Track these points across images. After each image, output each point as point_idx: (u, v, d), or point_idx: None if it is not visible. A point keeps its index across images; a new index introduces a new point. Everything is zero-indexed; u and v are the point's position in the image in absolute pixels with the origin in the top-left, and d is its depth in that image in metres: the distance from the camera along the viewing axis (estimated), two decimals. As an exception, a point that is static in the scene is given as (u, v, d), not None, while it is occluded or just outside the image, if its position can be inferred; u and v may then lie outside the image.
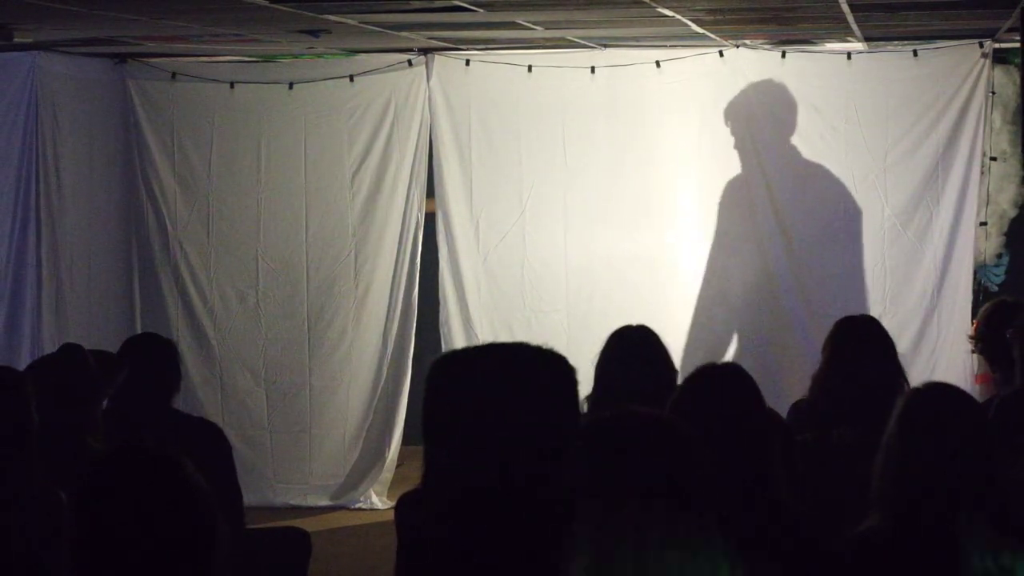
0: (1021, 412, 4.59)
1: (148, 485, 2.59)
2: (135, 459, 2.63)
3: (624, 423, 2.72)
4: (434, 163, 8.57)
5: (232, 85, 8.76)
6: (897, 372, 5.19)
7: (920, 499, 3.25)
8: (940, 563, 3.22)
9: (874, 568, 3.28)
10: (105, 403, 5.40)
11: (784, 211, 8.21)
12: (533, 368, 2.98)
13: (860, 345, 5.23)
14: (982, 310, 6.17)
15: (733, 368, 3.69)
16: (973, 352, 6.28)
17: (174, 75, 8.75)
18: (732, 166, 8.26)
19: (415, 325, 8.72)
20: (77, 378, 5.09)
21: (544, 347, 2.97)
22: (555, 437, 2.94)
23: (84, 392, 5.09)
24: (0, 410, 4.24)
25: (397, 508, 3.80)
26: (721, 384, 3.59)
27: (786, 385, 7.90)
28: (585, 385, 5.32)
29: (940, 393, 3.44)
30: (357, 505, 8.75)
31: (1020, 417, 4.54)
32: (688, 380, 3.64)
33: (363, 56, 8.59)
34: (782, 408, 5.16)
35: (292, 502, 8.71)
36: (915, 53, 8.08)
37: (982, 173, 8.06)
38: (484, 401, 2.86)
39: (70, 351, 5.31)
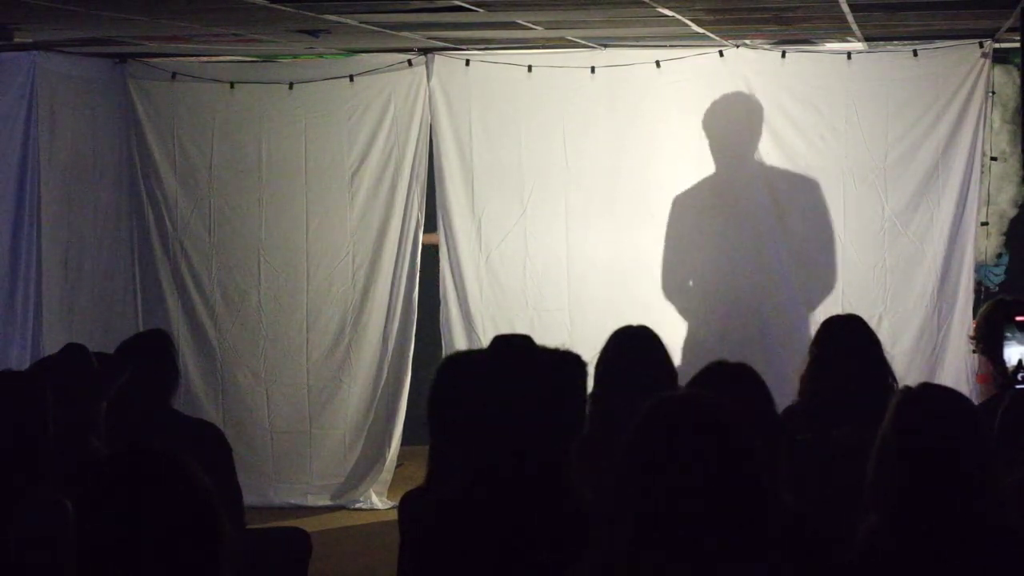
0: None
1: (153, 486, 2.59)
2: (139, 461, 2.63)
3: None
4: (434, 163, 8.58)
5: (232, 85, 8.76)
6: (884, 370, 5.20)
7: (916, 500, 3.25)
8: (939, 564, 3.22)
9: (875, 570, 3.28)
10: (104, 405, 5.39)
11: (785, 211, 8.21)
12: (546, 368, 2.99)
13: (844, 344, 5.24)
14: (981, 309, 6.17)
15: (742, 367, 3.69)
16: (973, 352, 6.27)
17: (174, 75, 8.75)
18: (732, 165, 8.26)
19: (415, 325, 8.73)
20: (81, 378, 5.08)
21: (562, 348, 2.99)
22: (565, 433, 2.95)
23: (87, 392, 5.08)
24: (16, 419, 4.23)
25: (401, 506, 3.80)
26: (731, 382, 3.58)
27: (789, 386, 7.90)
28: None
29: (933, 393, 3.43)
30: (357, 505, 8.75)
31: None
32: (697, 377, 3.63)
33: (363, 56, 8.59)
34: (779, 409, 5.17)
35: (292, 502, 8.71)
36: (915, 53, 8.08)
37: (982, 173, 8.06)
38: (497, 398, 2.86)
39: (74, 351, 5.31)
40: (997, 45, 8.01)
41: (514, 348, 3.25)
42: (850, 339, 5.29)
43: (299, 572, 5.95)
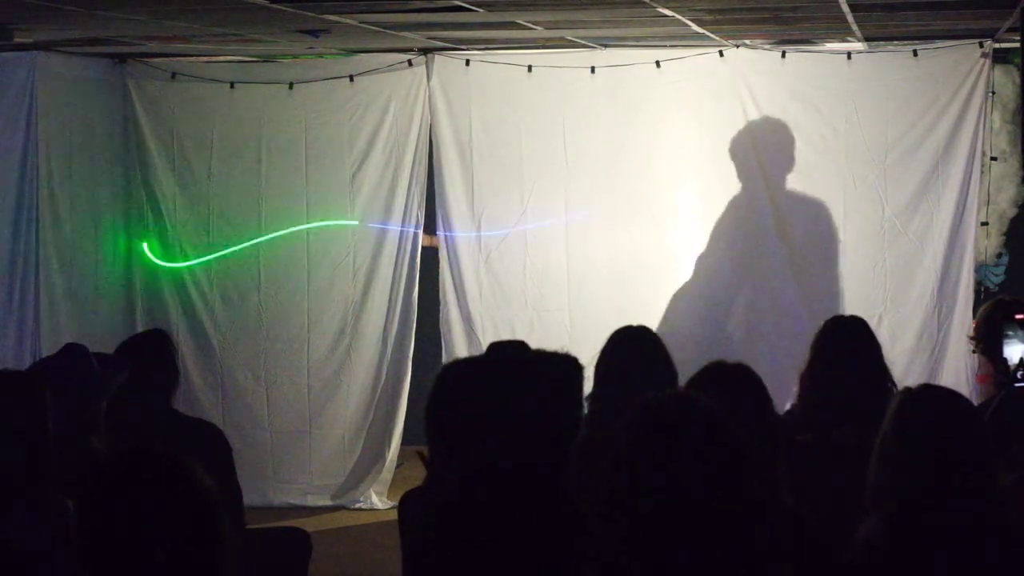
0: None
1: (155, 487, 2.59)
2: (142, 461, 2.64)
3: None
4: (434, 163, 8.58)
5: (232, 85, 8.75)
6: (883, 373, 5.20)
7: (917, 501, 3.24)
8: (939, 565, 3.22)
9: (875, 571, 3.28)
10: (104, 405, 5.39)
11: (785, 211, 8.21)
12: (542, 370, 3.00)
13: (845, 345, 5.24)
14: (981, 309, 6.17)
15: (741, 367, 3.68)
16: (973, 352, 6.27)
17: (174, 75, 8.75)
18: (731, 165, 8.26)
19: (415, 325, 8.73)
20: (81, 378, 5.08)
21: (559, 352, 2.99)
22: (562, 434, 2.94)
23: (88, 392, 5.08)
24: (16, 419, 4.22)
25: (400, 506, 3.81)
26: (730, 382, 3.58)
27: (786, 385, 7.90)
28: (586, 385, 5.33)
29: (934, 395, 3.43)
30: (357, 505, 8.75)
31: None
32: (696, 378, 3.63)
33: (363, 56, 8.59)
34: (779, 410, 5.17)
35: (292, 502, 8.72)
36: (915, 53, 8.08)
37: (982, 173, 8.06)
38: (493, 400, 2.86)
39: (74, 351, 5.30)
40: (997, 45, 8.01)
41: (509, 352, 3.26)
42: (851, 340, 5.29)
43: (299, 572, 5.95)
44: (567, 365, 3.21)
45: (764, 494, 2.59)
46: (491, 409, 3.03)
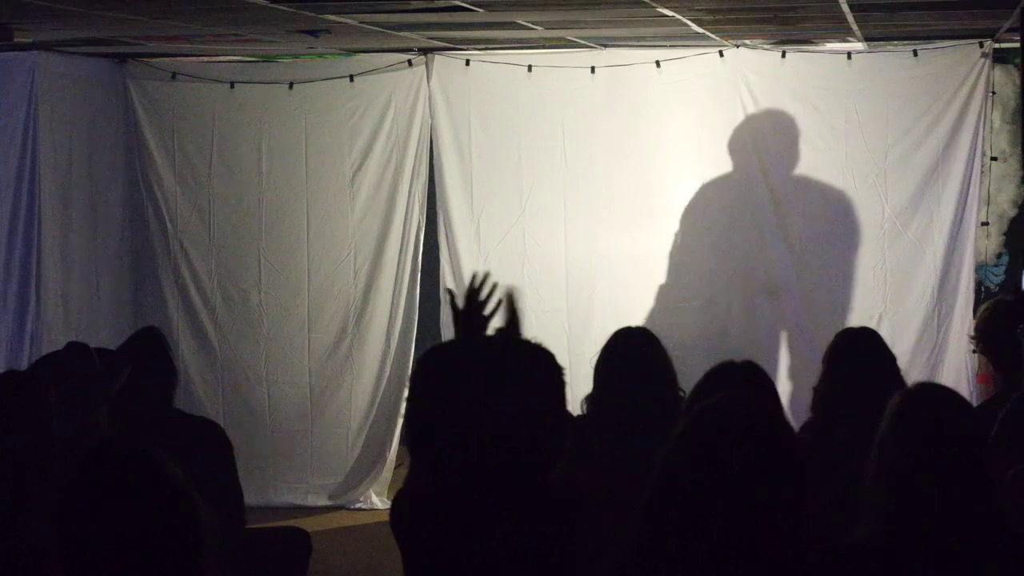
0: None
1: (121, 481, 2.60)
2: (107, 458, 2.65)
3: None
4: (434, 163, 8.58)
5: (232, 85, 8.76)
6: (898, 385, 5.16)
7: (914, 499, 3.25)
8: (937, 563, 3.22)
9: (872, 569, 3.28)
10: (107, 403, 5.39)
11: (785, 211, 8.21)
12: (517, 366, 2.95)
13: (859, 360, 5.21)
14: (981, 309, 6.18)
15: (750, 365, 3.68)
16: (974, 352, 6.27)
17: (174, 75, 8.75)
18: (731, 165, 8.25)
19: (416, 325, 8.73)
20: (84, 377, 5.08)
21: (531, 342, 2.94)
22: (540, 434, 2.90)
23: (91, 391, 5.08)
24: (21, 420, 4.22)
25: (392, 509, 3.81)
26: (741, 381, 3.58)
27: (785, 386, 7.91)
28: (585, 385, 5.33)
29: (932, 393, 3.43)
30: (357, 505, 8.76)
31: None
32: (707, 378, 3.63)
33: (363, 56, 8.60)
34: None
35: (292, 502, 8.72)
36: (915, 53, 8.08)
37: (982, 173, 8.06)
38: (468, 400, 2.83)
39: (76, 350, 5.30)
40: (997, 45, 8.01)
41: (490, 351, 3.21)
42: (864, 354, 5.23)
43: (299, 572, 5.96)
44: (544, 363, 3.15)
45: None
46: (472, 402, 2.98)
